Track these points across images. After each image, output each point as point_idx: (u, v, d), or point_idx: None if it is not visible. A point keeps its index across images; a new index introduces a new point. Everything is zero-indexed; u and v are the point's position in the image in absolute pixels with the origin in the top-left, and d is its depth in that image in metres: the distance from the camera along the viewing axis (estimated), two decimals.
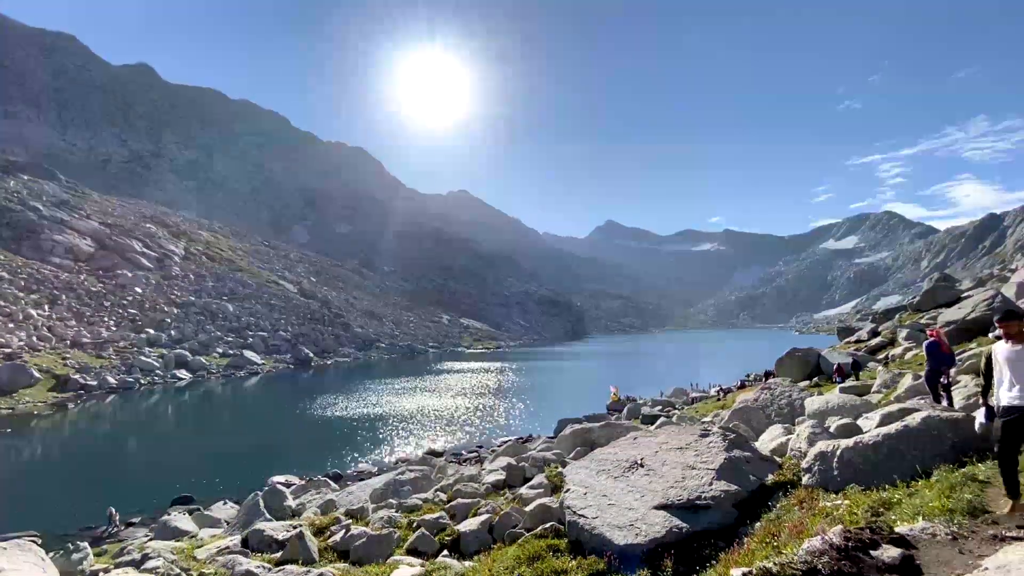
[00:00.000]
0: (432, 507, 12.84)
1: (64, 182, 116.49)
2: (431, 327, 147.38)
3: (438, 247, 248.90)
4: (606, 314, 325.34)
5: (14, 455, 33.69)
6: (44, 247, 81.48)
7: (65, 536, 18.61)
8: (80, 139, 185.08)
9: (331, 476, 26.39)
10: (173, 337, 73.45)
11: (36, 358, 51.88)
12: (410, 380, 69.59)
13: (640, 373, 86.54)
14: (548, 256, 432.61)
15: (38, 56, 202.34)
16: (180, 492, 24.99)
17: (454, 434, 40.01)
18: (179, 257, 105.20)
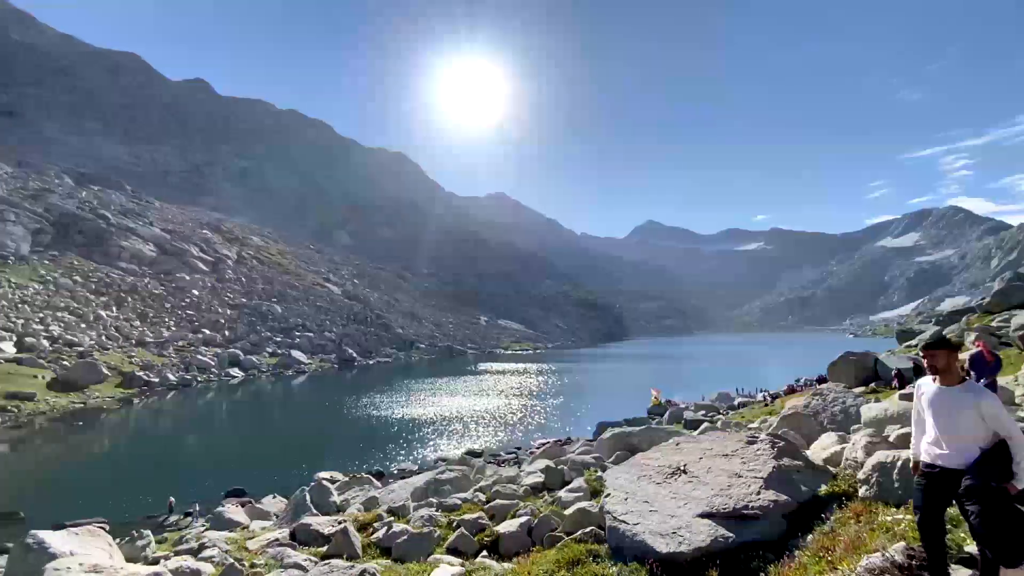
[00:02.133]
0: (471, 507, 12.94)
1: (130, 192, 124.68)
2: (469, 328, 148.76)
3: (476, 249, 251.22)
4: (646, 315, 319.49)
5: (85, 447, 36.29)
6: (112, 253, 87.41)
7: (129, 523, 19.87)
8: (144, 152, 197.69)
9: (373, 473, 27.03)
10: (227, 337, 77.21)
11: (105, 356, 55.69)
12: (449, 380, 70.47)
13: (682, 376, 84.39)
14: (586, 257, 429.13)
15: (106, 75, 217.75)
16: (233, 485, 26.23)
17: (492, 435, 40.21)
18: (232, 261, 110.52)
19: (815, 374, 39.22)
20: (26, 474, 30.05)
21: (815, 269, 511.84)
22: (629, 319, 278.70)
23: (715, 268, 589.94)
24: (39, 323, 57.13)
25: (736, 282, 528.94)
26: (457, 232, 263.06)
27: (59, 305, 64.14)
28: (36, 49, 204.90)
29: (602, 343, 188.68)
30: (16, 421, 37.91)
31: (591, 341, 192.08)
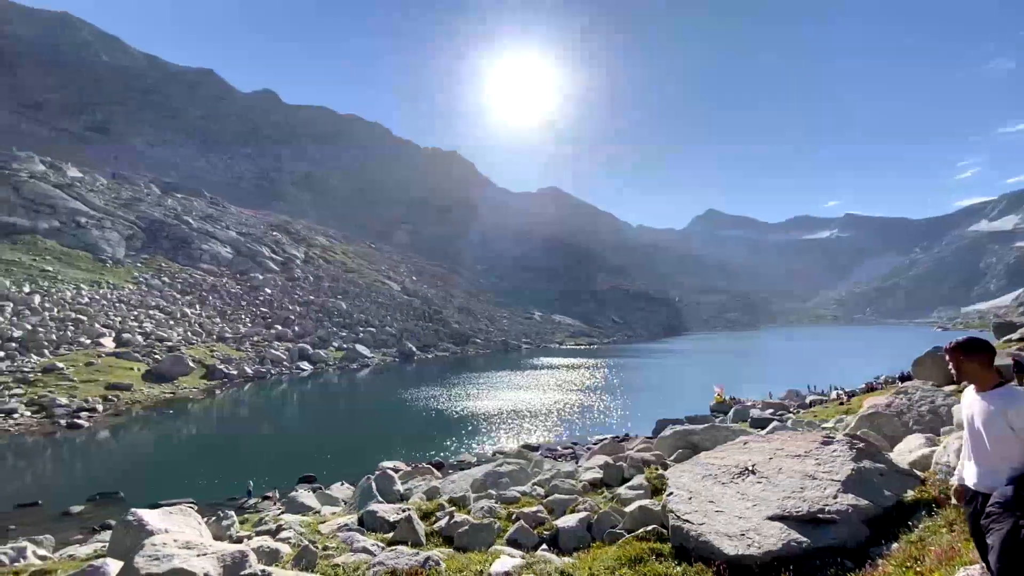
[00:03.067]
0: (530, 500, 13.03)
1: (208, 198, 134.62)
2: (523, 323, 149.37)
3: (529, 244, 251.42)
4: (707, 309, 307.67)
5: (175, 434, 39.75)
6: (195, 255, 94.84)
7: (214, 504, 21.57)
8: (219, 160, 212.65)
9: (433, 464, 27.81)
10: (297, 332, 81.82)
11: (190, 350, 60.61)
12: (504, 375, 71.18)
13: (747, 373, 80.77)
14: (642, 250, 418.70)
15: (186, 91, 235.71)
16: (305, 472, 27.84)
17: (548, 429, 40.26)
18: (300, 261, 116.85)
19: (897, 371, 36.37)
20: (125, 457, 33.33)
21: (897, 257, 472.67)
22: (689, 313, 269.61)
23: (783, 258, 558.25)
24: (134, 320, 62.98)
25: (806, 273, 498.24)
26: (509, 228, 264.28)
27: (150, 304, 70.42)
28: (124, 70, 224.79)
29: (660, 338, 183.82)
30: (116, 409, 42.07)
31: (649, 336, 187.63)
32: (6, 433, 33.53)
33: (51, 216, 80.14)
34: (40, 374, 43.41)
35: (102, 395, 43.11)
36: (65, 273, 67.45)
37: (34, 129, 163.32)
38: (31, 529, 19.09)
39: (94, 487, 24.91)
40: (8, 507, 22.21)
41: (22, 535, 17.63)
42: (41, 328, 51.38)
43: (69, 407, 38.93)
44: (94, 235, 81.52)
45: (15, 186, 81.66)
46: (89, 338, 53.61)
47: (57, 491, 24.53)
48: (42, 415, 37.22)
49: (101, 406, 41.01)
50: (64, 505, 22.61)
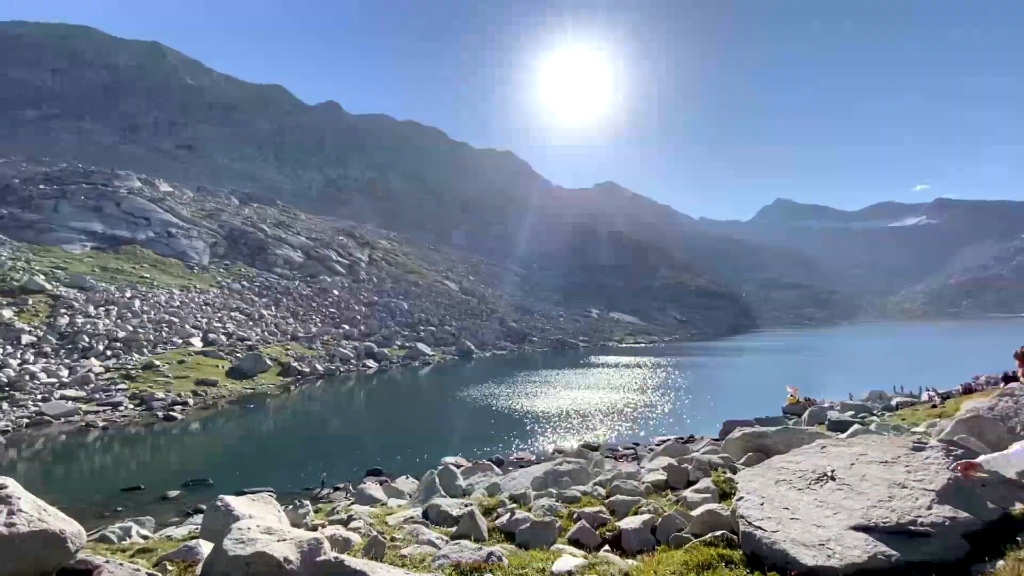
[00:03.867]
0: (591, 500, 12.89)
1: (281, 207, 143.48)
2: (581, 321, 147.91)
3: (585, 241, 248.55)
4: (779, 305, 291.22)
5: (255, 426, 42.72)
6: (270, 260, 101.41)
7: (290, 494, 22.96)
8: (290, 171, 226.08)
9: (494, 461, 28.14)
10: (363, 331, 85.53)
11: (268, 348, 64.90)
12: (562, 373, 70.82)
13: (823, 373, 75.75)
14: (705, 243, 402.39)
15: (258, 107, 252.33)
16: (372, 465, 29.05)
17: (608, 429, 39.66)
18: (365, 263, 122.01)
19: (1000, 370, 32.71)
20: (213, 447, 36.21)
21: (997, 244, 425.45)
22: (758, 309, 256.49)
23: (864, 248, 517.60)
24: (218, 322, 68.27)
25: (891, 264, 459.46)
26: (566, 225, 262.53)
27: (232, 306, 76.06)
28: (205, 91, 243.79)
29: (727, 336, 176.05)
30: (204, 403, 45.80)
31: (714, 334, 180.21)
32: (114, 424, 37.40)
33: (147, 228, 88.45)
34: (140, 371, 48.06)
35: (192, 390, 47.09)
36: (160, 279, 74.23)
37: (132, 150, 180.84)
38: (135, 511, 21.19)
39: (187, 474, 27.25)
40: (116, 490, 24.75)
41: (128, 516, 19.61)
42: (140, 329, 56.87)
43: (165, 401, 42.83)
44: (183, 244, 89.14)
45: (117, 202, 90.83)
46: (180, 338, 58.71)
47: (156, 477, 27.05)
48: (142, 408, 41.19)
49: (192, 400, 44.79)
50: (162, 490, 24.91)
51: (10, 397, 37.68)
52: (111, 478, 27.48)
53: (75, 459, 30.97)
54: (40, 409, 36.78)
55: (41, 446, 32.43)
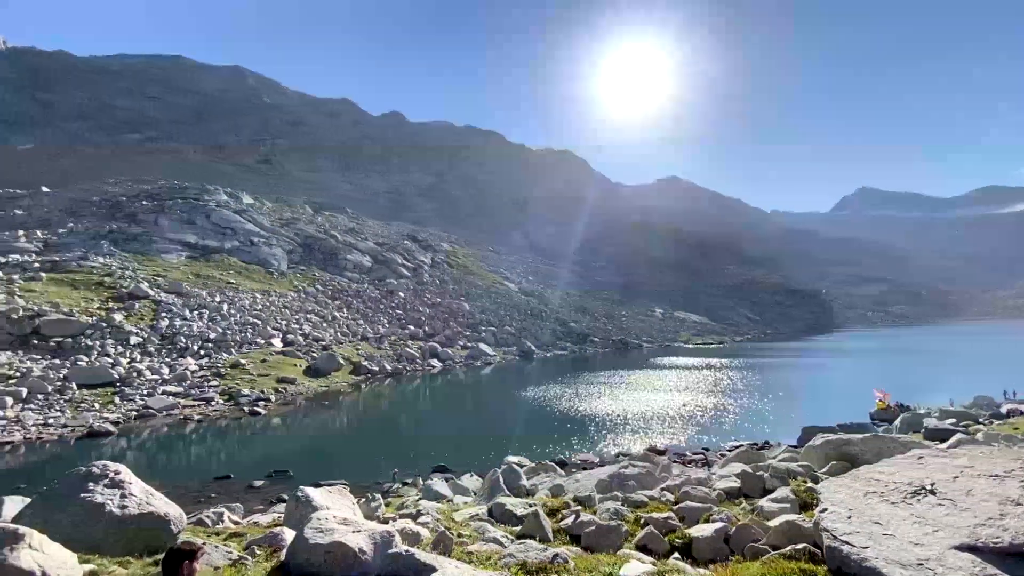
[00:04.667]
0: (659, 506, 12.52)
1: (350, 214, 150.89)
2: (644, 321, 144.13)
3: (647, 238, 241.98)
4: (863, 302, 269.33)
5: (330, 422, 45.15)
6: (341, 265, 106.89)
7: (363, 487, 24.02)
8: (357, 179, 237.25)
9: (556, 462, 28.03)
10: (426, 332, 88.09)
11: (340, 348, 68.39)
12: (625, 374, 69.31)
13: (917, 376, 69.35)
14: (780, 238, 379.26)
15: (328, 120, 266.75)
16: (438, 462, 29.83)
17: (675, 433, 38.34)
18: (428, 266, 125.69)
19: None
20: (292, 440, 38.63)
21: None
22: (840, 307, 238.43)
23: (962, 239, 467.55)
24: (295, 323, 72.82)
25: (995, 255, 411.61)
26: (627, 222, 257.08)
27: (308, 309, 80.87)
28: (281, 108, 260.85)
29: (804, 336, 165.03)
30: (285, 399, 48.99)
31: (791, 334, 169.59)
32: (207, 417, 40.86)
33: (233, 237, 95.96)
34: (229, 369, 52.20)
35: (274, 387, 50.53)
36: (244, 284, 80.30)
37: (219, 166, 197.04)
38: (225, 498, 23.03)
39: (270, 465, 29.25)
40: (209, 478, 27.01)
41: (220, 502, 21.34)
42: (228, 331, 61.78)
43: (250, 397, 46.24)
44: (264, 251, 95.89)
45: (207, 214, 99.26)
46: (263, 339, 63.17)
47: (243, 467, 29.24)
48: (231, 403, 44.69)
49: (273, 397, 48.06)
50: (249, 479, 26.89)
51: (121, 392, 42.15)
52: (205, 467, 30.03)
53: (174, 449, 34.16)
54: (146, 403, 40.87)
55: (147, 436, 36.02)
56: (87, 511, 9.50)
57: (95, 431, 34.76)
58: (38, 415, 36.02)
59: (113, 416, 37.78)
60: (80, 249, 72.54)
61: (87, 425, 35.44)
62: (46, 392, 39.04)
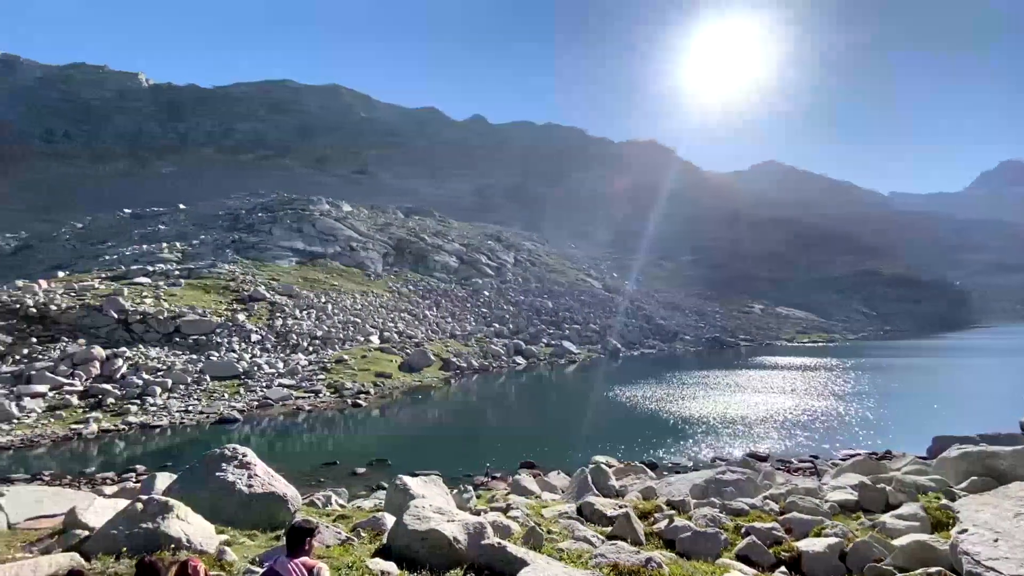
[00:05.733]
0: (761, 515, 11.69)
1: (438, 217, 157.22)
2: (740, 318, 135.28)
3: (743, 228, 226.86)
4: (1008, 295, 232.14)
5: (423, 415, 47.42)
6: (430, 266, 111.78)
7: (454, 478, 24.93)
8: (443, 183, 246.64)
9: (646, 464, 27.19)
10: (511, 330, 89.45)
11: (431, 346, 71.55)
12: (720, 375, 65.52)
13: None
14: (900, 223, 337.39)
15: (415, 128, 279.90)
16: (524, 457, 30.16)
17: (777, 438, 35.58)
18: (511, 265, 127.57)
19: None
20: (390, 431, 41.06)
21: None
22: (977, 300, 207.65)
23: None
24: (391, 322, 77.32)
25: None
26: (719, 212, 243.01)
27: (401, 308, 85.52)
28: (374, 120, 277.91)
29: (933, 333, 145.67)
30: (382, 393, 52.18)
31: (915, 331, 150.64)
32: (316, 408, 44.68)
33: (335, 243, 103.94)
34: (333, 364, 56.63)
35: (372, 381, 54.04)
36: (345, 286, 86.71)
37: (322, 178, 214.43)
38: (332, 482, 25.01)
39: (371, 453, 31.31)
40: (318, 464, 29.47)
41: (327, 486, 23.22)
42: (333, 329, 67.05)
43: (352, 390, 49.84)
44: (362, 255, 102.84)
45: (312, 223, 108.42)
46: (362, 336, 67.79)
47: (347, 454, 31.57)
48: (336, 395, 48.46)
49: (372, 390, 51.41)
50: (352, 466, 28.99)
51: (245, 384, 47.34)
52: (314, 453, 32.85)
53: (289, 435, 37.74)
54: (265, 394, 45.54)
55: (266, 423, 40.15)
56: (221, 488, 10.79)
57: (225, 418, 39.32)
58: (180, 403, 41.49)
59: (239, 405, 42.51)
60: (210, 258, 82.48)
61: (219, 412, 40.18)
62: (186, 383, 44.86)
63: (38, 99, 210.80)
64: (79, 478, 26.41)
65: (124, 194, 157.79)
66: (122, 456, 31.45)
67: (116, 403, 39.25)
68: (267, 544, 9.64)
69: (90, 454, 31.64)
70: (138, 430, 35.92)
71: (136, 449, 32.91)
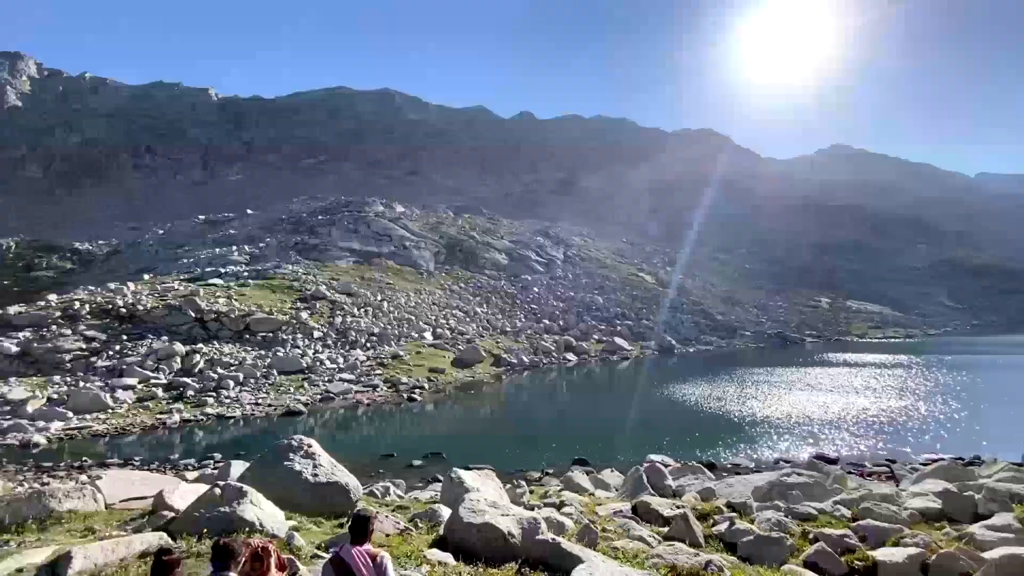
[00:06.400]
0: (832, 521, 11.03)
1: (487, 215, 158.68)
2: (806, 312, 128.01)
3: (808, 217, 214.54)
4: None
5: (475, 410, 48.12)
6: (480, 263, 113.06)
7: (507, 473, 25.10)
8: (492, 181, 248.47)
9: (704, 464, 26.32)
10: (561, 326, 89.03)
11: (482, 342, 72.44)
12: (784, 372, 62.32)
13: None
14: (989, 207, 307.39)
15: (465, 128, 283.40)
16: (576, 454, 29.96)
17: (850, 440, 33.45)
18: (560, 261, 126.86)
19: None
20: (443, 425, 41.99)
21: None
22: None
23: None
24: (443, 319, 78.93)
25: None
26: (782, 200, 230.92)
27: (453, 305, 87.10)
28: (425, 122, 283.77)
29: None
30: (436, 388, 53.40)
31: (1007, 325, 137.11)
32: (374, 402, 46.36)
33: (389, 243, 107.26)
34: (390, 360, 58.52)
35: (427, 376, 55.42)
36: (399, 284, 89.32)
37: (376, 180, 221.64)
38: (390, 474, 25.86)
39: (426, 447, 32.13)
40: (376, 456, 30.56)
41: (385, 478, 24.05)
42: (388, 326, 69.27)
43: (408, 384, 51.33)
44: (414, 254, 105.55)
45: (368, 224, 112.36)
46: (416, 333, 69.63)
47: (404, 447, 32.55)
48: (392, 390, 50.07)
49: (427, 385, 52.73)
50: (408, 458, 29.87)
51: (308, 378, 49.81)
52: (373, 445, 34.11)
53: (349, 428, 39.38)
54: (327, 388, 47.74)
55: (328, 416, 42.08)
56: (289, 476, 11.43)
57: (291, 410, 41.54)
58: (251, 395, 44.21)
59: (303, 398, 44.79)
60: (275, 259, 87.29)
61: (285, 405, 42.50)
62: (256, 377, 47.75)
63: (125, 117, 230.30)
64: (164, 464, 28.77)
65: (199, 201, 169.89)
66: (201, 444, 33.97)
67: (195, 395, 42.39)
68: (331, 531, 10.12)
69: (173, 442, 34.39)
70: (214, 420, 38.64)
71: (213, 438, 35.43)
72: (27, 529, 10.62)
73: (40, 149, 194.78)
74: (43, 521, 10.94)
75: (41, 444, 31.63)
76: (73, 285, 75.26)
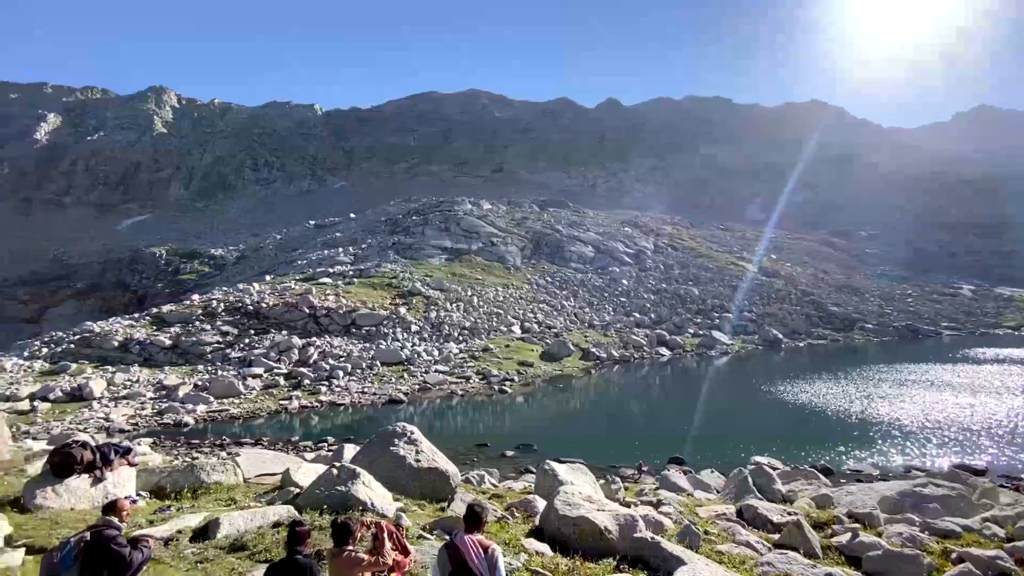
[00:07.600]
0: (979, 540, 9.60)
1: (572, 208, 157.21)
2: (941, 301, 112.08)
3: (940, 194, 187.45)
4: None
5: (565, 403, 48.13)
6: (566, 256, 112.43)
7: (598, 467, 24.80)
8: (577, 173, 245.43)
9: (819, 469, 24.14)
10: (653, 319, 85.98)
11: (570, 335, 72.12)
12: (915, 369, 55.12)
13: None
14: None
15: (549, 121, 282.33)
16: (670, 452, 28.84)
17: (1001, 449, 28.87)
18: (650, 251, 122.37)
19: None
20: (534, 417, 42.48)
21: None
22: None
23: None
24: (531, 313, 79.66)
25: None
26: (908, 175, 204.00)
27: (540, 299, 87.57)
28: (509, 120, 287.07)
29: None
30: (525, 380, 54.09)
31: None
32: (467, 393, 48.09)
33: (477, 239, 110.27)
34: (481, 352, 60.30)
35: (516, 369, 56.34)
36: (487, 280, 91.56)
37: (464, 179, 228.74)
38: (484, 463, 26.69)
39: (516, 438, 32.73)
40: (470, 445, 31.68)
41: (480, 466, 24.86)
42: (479, 320, 71.36)
43: (499, 377, 52.57)
44: (502, 250, 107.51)
45: (457, 222, 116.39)
46: (505, 326, 71.01)
47: (496, 437, 33.43)
48: (484, 382, 51.56)
49: (516, 378, 53.63)
50: (501, 448, 30.61)
51: (408, 369, 52.85)
52: (467, 434, 35.41)
53: (445, 417, 41.21)
54: (424, 379, 50.33)
55: (426, 405, 44.36)
56: (395, 461, 12.22)
57: (393, 399, 44.35)
58: (358, 385, 47.83)
59: (404, 388, 47.61)
60: (376, 259, 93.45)
61: (388, 394, 45.45)
62: (362, 368, 51.55)
63: (247, 136, 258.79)
64: (287, 444, 32.10)
65: (309, 208, 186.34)
66: (316, 428, 37.45)
67: (311, 384, 46.77)
68: (434, 514, 10.68)
69: (294, 425, 38.25)
70: (327, 407, 42.37)
71: (326, 423, 38.90)
72: (184, 497, 12.49)
73: (182, 168, 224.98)
74: (196, 490, 12.77)
75: (190, 424, 36.77)
76: (211, 286, 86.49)
